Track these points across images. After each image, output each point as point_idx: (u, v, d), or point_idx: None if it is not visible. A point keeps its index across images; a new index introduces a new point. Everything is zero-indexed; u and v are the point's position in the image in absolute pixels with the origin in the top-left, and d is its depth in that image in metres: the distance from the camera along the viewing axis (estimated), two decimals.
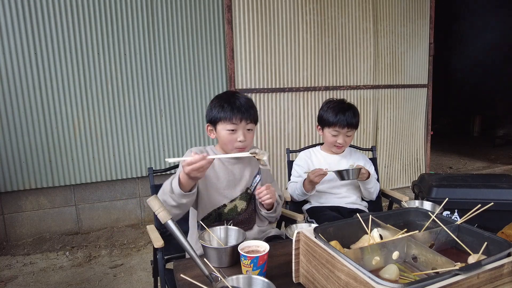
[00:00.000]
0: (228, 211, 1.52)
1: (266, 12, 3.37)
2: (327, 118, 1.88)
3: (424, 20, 4.13)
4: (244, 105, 1.48)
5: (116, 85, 3.03)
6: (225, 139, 1.50)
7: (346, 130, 1.86)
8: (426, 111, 4.27)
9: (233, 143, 1.49)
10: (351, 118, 1.85)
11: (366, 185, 1.93)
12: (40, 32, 2.78)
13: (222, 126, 1.49)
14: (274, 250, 1.19)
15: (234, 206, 1.53)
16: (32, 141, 2.86)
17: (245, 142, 1.48)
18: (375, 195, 2.01)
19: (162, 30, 3.11)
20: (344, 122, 1.84)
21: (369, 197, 2.00)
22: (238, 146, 1.49)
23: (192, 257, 0.99)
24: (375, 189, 1.98)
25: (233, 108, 1.46)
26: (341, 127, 1.85)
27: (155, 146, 3.23)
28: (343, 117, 1.84)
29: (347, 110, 1.86)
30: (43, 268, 2.60)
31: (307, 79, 3.60)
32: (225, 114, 1.47)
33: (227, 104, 1.47)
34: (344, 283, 0.83)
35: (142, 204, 3.33)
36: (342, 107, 1.87)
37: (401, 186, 4.24)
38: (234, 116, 1.46)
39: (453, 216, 2.24)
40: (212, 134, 1.57)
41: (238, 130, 1.48)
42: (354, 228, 1.07)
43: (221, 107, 1.48)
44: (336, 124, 1.85)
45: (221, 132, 1.50)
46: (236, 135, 1.48)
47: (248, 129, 1.51)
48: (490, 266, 0.81)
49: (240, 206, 1.53)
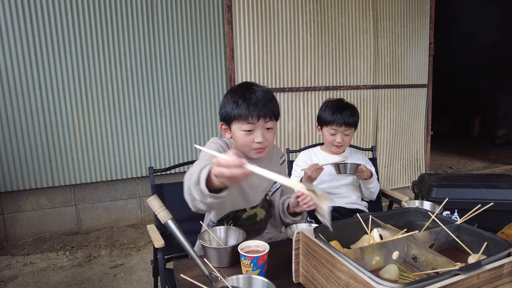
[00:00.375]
0: (247, 218, 1.40)
1: (266, 12, 3.37)
2: (325, 117, 1.89)
3: (424, 20, 4.13)
4: (262, 100, 1.26)
5: (116, 85, 3.03)
6: (241, 141, 1.30)
7: (344, 129, 1.87)
8: (426, 111, 4.27)
9: (250, 145, 1.29)
10: (349, 117, 1.86)
11: (368, 184, 1.93)
12: (40, 32, 2.78)
13: (237, 125, 1.28)
14: (274, 250, 1.19)
15: (254, 214, 1.40)
16: (32, 141, 2.86)
17: (264, 142, 1.28)
18: (375, 195, 2.01)
19: (162, 30, 3.11)
20: (341, 120, 1.84)
21: (370, 197, 2.01)
22: (255, 147, 1.29)
23: (192, 257, 0.99)
24: (376, 189, 1.99)
25: (249, 104, 1.25)
26: (339, 125, 1.86)
27: (155, 146, 3.23)
28: (340, 115, 1.85)
29: (345, 109, 1.87)
30: (43, 268, 2.60)
31: (307, 79, 3.60)
32: (239, 112, 1.25)
33: (242, 99, 1.26)
34: (344, 283, 0.83)
35: (142, 204, 3.33)
36: (340, 106, 1.89)
37: (401, 186, 4.24)
38: (250, 114, 1.24)
39: (453, 216, 2.24)
40: (227, 133, 1.37)
41: (255, 130, 1.27)
42: (354, 228, 1.07)
43: (235, 103, 1.27)
44: (333, 122, 1.86)
45: (236, 132, 1.30)
46: (253, 135, 1.28)
47: (268, 127, 1.30)
48: (490, 266, 0.81)
49: (260, 215, 1.42)
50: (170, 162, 3.28)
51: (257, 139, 1.27)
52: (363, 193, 2.00)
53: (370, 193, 1.98)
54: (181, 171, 3.33)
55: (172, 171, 3.12)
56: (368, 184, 1.93)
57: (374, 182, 1.95)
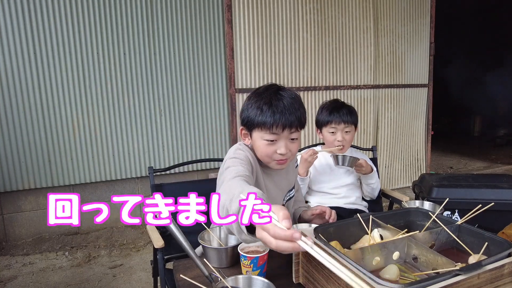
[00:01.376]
0: None
1: (266, 12, 3.37)
2: (322, 118, 1.90)
3: (424, 19, 4.12)
4: (289, 108, 1.17)
5: (116, 85, 3.03)
6: (262, 150, 1.22)
7: (343, 126, 1.87)
8: (427, 111, 4.27)
9: (272, 156, 1.22)
10: (346, 114, 1.86)
11: (369, 180, 1.92)
12: (39, 32, 2.77)
13: (260, 134, 1.20)
14: (274, 251, 1.19)
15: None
16: (32, 141, 2.86)
17: (287, 154, 1.20)
18: (377, 192, 2.00)
19: (162, 30, 3.10)
20: (339, 118, 1.85)
21: (371, 194, 1.99)
22: (277, 159, 1.22)
23: (192, 258, 0.99)
24: (377, 186, 1.98)
25: (275, 112, 1.16)
26: (337, 123, 1.86)
27: (155, 146, 3.22)
28: (338, 113, 1.86)
29: (341, 107, 1.88)
30: (43, 268, 2.60)
31: (307, 79, 3.60)
32: (263, 119, 1.17)
33: (267, 106, 1.17)
34: (344, 284, 0.82)
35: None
36: (336, 105, 1.90)
37: (401, 186, 4.24)
38: (275, 124, 1.16)
39: (453, 216, 2.23)
40: (247, 139, 1.28)
41: (279, 140, 1.19)
42: (354, 228, 1.07)
43: (259, 109, 1.18)
44: (331, 121, 1.86)
45: (257, 140, 1.22)
46: (276, 146, 1.20)
47: (293, 138, 1.22)
48: (491, 266, 0.81)
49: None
50: (170, 162, 3.27)
51: (280, 151, 1.19)
52: (364, 191, 1.99)
53: (371, 190, 1.97)
54: (181, 171, 3.33)
55: (172, 171, 3.12)
56: (369, 180, 1.93)
57: (375, 178, 1.94)
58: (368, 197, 2.03)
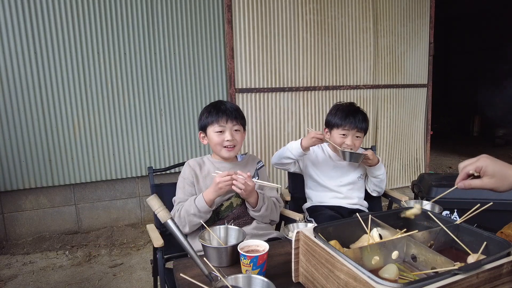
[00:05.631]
0: (225, 209, 1.57)
1: (266, 12, 3.37)
2: (335, 119, 1.88)
3: (424, 19, 4.13)
4: (230, 109, 1.59)
5: (116, 85, 3.03)
6: (214, 141, 1.59)
7: (355, 132, 1.87)
8: (426, 110, 4.27)
9: (221, 143, 1.58)
10: (361, 121, 1.86)
11: (376, 171, 1.91)
12: (40, 31, 2.77)
13: (211, 129, 1.59)
14: (273, 250, 1.19)
15: (230, 204, 1.58)
16: (32, 140, 2.86)
17: (233, 141, 1.58)
18: (384, 184, 1.98)
19: (162, 30, 3.10)
20: (354, 123, 1.84)
21: (379, 186, 1.97)
22: (226, 145, 1.58)
23: (191, 257, 0.99)
24: (384, 177, 1.96)
25: (219, 111, 1.58)
26: (350, 128, 1.85)
27: (155, 146, 3.23)
28: (353, 118, 1.85)
29: (357, 112, 1.88)
30: (43, 268, 2.60)
31: (307, 79, 3.60)
32: (212, 118, 1.58)
33: (214, 108, 1.60)
34: (344, 283, 0.83)
35: (142, 204, 3.33)
36: (352, 109, 1.89)
37: (400, 186, 4.25)
38: (220, 119, 1.57)
39: (452, 216, 2.24)
40: (205, 140, 1.66)
41: (225, 131, 1.58)
42: (353, 227, 1.07)
43: (208, 112, 1.60)
44: (345, 124, 1.85)
45: (210, 135, 1.60)
46: (224, 135, 1.58)
47: (236, 129, 1.60)
48: (490, 266, 0.81)
49: (236, 202, 1.58)
50: (169, 162, 3.28)
51: (227, 138, 1.57)
52: (372, 185, 1.98)
53: (379, 182, 1.95)
54: (181, 171, 3.33)
55: (172, 171, 3.12)
56: (377, 171, 1.92)
57: (382, 169, 1.93)
58: (376, 192, 2.01)
